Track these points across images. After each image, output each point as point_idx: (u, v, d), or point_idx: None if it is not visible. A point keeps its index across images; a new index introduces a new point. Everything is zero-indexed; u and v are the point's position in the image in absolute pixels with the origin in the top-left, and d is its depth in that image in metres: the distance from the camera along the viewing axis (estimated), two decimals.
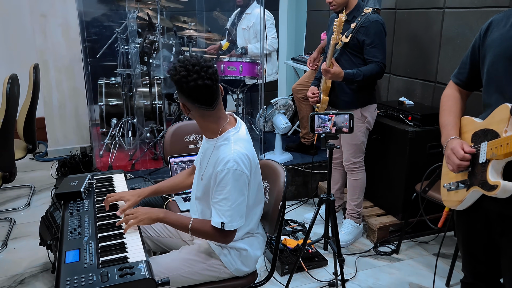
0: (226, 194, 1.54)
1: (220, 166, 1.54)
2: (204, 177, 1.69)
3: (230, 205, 1.55)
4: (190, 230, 1.62)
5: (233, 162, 1.53)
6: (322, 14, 4.42)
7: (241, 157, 1.55)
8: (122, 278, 1.26)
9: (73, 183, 1.85)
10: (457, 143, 1.48)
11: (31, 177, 3.94)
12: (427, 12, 3.08)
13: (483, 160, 1.38)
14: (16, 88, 2.85)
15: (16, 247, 2.81)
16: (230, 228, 1.57)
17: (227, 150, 1.56)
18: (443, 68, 2.99)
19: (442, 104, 1.65)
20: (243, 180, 1.56)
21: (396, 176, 2.87)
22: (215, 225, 1.57)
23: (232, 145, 1.57)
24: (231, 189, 1.54)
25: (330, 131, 2.08)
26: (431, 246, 2.87)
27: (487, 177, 1.36)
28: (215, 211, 1.58)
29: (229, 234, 1.60)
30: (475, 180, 1.42)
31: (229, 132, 1.61)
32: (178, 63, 1.52)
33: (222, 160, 1.54)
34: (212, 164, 1.60)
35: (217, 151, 1.61)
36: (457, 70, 1.65)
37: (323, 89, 2.69)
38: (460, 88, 1.64)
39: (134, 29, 3.60)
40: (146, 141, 3.67)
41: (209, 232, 1.60)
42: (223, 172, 1.53)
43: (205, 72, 1.49)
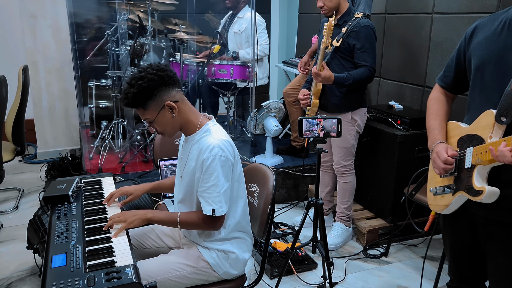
0: (214, 180, 1.57)
1: (205, 153, 1.57)
2: (184, 174, 1.71)
3: (218, 191, 1.58)
4: (178, 224, 1.64)
5: (218, 149, 1.57)
6: (313, 18, 4.44)
7: (224, 144, 1.60)
8: (108, 283, 1.26)
9: (61, 186, 1.83)
10: (442, 147, 1.50)
11: (20, 180, 3.90)
12: (416, 17, 3.11)
13: (469, 166, 1.40)
14: (4, 90, 2.83)
15: (3, 250, 2.79)
16: (221, 213, 1.60)
17: (210, 139, 1.60)
18: (431, 72, 3.02)
19: (428, 107, 1.66)
20: (228, 166, 1.60)
21: (385, 179, 2.89)
22: (207, 213, 1.60)
23: (214, 134, 1.62)
24: (218, 175, 1.57)
25: (318, 135, 2.09)
26: (419, 249, 2.89)
27: (472, 182, 1.37)
28: (203, 199, 1.61)
29: (218, 219, 1.63)
30: (461, 185, 1.44)
31: (208, 125, 1.67)
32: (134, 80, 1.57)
33: (207, 148, 1.58)
34: (195, 157, 1.63)
35: (197, 144, 1.64)
36: (442, 73, 1.66)
37: (314, 93, 2.70)
38: (445, 91, 1.66)
39: (124, 31, 3.59)
40: (136, 144, 3.66)
41: (198, 222, 1.64)
42: (209, 159, 1.56)
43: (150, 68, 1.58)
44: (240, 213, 1.73)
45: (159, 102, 1.58)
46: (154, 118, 1.60)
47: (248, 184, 1.94)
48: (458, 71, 1.57)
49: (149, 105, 1.58)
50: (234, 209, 1.71)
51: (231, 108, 3.91)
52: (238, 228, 1.74)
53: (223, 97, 3.94)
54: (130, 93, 1.55)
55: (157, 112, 1.59)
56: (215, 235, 1.70)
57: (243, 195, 1.76)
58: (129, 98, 1.56)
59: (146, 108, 1.58)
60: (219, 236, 1.70)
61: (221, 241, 1.71)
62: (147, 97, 1.56)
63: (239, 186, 1.72)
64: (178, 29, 3.87)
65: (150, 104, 1.58)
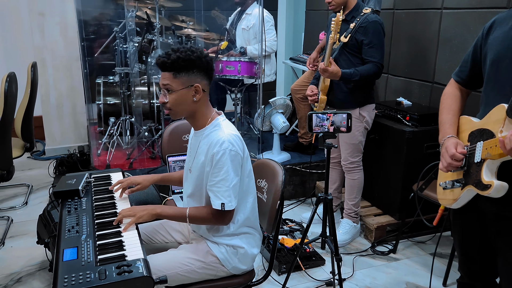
0: (224, 175, 1.58)
1: (215, 148, 1.58)
2: (193, 168, 1.71)
3: (228, 185, 1.59)
4: (188, 219, 1.64)
5: (228, 143, 1.58)
6: (320, 14, 4.43)
7: (234, 139, 1.61)
8: (119, 276, 1.26)
9: (71, 181, 1.85)
10: (451, 142, 1.48)
11: (29, 176, 3.93)
12: (425, 13, 3.09)
13: (478, 160, 1.39)
14: (14, 86, 2.84)
15: (13, 245, 2.81)
16: (230, 208, 1.60)
17: (220, 133, 1.61)
18: (440, 68, 3.00)
19: (442, 102, 1.65)
20: (238, 160, 1.61)
21: (393, 176, 2.88)
22: (216, 207, 1.60)
23: (224, 129, 1.63)
24: (228, 169, 1.58)
25: (328, 130, 2.08)
26: (428, 246, 2.88)
27: (481, 176, 1.36)
28: (213, 194, 1.61)
29: (227, 214, 1.64)
30: (469, 179, 1.43)
31: (218, 119, 1.68)
32: (183, 49, 1.58)
33: (217, 142, 1.58)
34: (204, 151, 1.63)
35: (207, 139, 1.65)
36: (458, 68, 1.65)
37: (322, 89, 2.70)
38: (460, 86, 1.64)
39: (132, 28, 3.59)
40: (144, 140, 3.67)
41: (207, 216, 1.64)
42: (219, 153, 1.57)
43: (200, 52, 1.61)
44: (249, 209, 1.73)
45: (190, 80, 1.59)
46: (176, 90, 1.59)
47: (257, 179, 1.94)
48: (474, 66, 1.56)
49: (181, 75, 1.58)
50: (244, 205, 1.71)
51: (238, 104, 3.91)
52: (247, 223, 1.74)
53: (231, 94, 3.94)
54: (174, 55, 1.55)
55: (183, 87, 1.59)
56: (224, 230, 1.71)
57: (253, 191, 1.76)
58: (170, 59, 1.55)
59: (176, 76, 1.58)
60: (228, 231, 1.70)
61: (230, 236, 1.71)
62: (185, 68, 1.57)
63: (249, 181, 1.72)
64: (185, 26, 3.87)
65: (182, 75, 1.58)
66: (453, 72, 1.68)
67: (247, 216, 1.73)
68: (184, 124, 2.65)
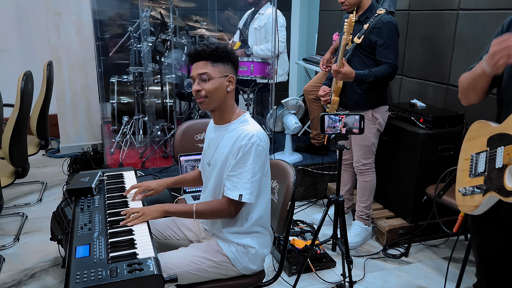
0: (248, 167, 1.59)
1: (244, 140, 1.60)
2: (213, 161, 1.72)
3: (249, 178, 1.60)
4: (194, 214, 1.65)
5: (256, 138, 1.60)
6: (334, 15, 4.41)
7: (263, 135, 1.64)
8: (131, 274, 1.27)
9: (85, 179, 1.86)
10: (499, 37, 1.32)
11: (43, 173, 3.99)
12: (441, 14, 3.05)
13: (500, 165, 1.36)
14: (30, 84, 2.89)
15: (27, 241, 2.85)
16: (247, 200, 1.61)
17: (249, 127, 1.64)
18: (456, 70, 2.96)
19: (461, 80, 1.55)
20: (263, 156, 1.63)
21: (406, 178, 2.85)
22: (232, 197, 1.60)
23: (253, 124, 1.67)
24: (253, 162, 1.59)
25: (340, 131, 2.07)
26: (440, 249, 2.85)
27: (504, 182, 1.33)
28: (231, 183, 1.61)
29: (238, 207, 1.64)
30: (491, 186, 1.39)
31: (245, 116, 1.72)
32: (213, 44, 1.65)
33: (246, 136, 1.60)
34: (230, 145, 1.65)
35: (234, 132, 1.66)
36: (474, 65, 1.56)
37: (334, 90, 2.68)
38: None
39: (146, 27, 3.62)
40: (156, 139, 3.70)
41: (215, 209, 1.65)
42: (247, 146, 1.59)
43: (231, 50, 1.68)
44: (264, 208, 1.73)
45: (226, 70, 1.65)
46: (214, 77, 1.63)
47: None
48: None
49: (218, 65, 1.63)
50: (260, 203, 1.71)
51: (250, 105, 3.91)
52: (260, 223, 1.74)
53: (243, 94, 3.94)
54: (213, 46, 1.62)
55: (220, 75, 1.64)
56: (237, 225, 1.70)
57: (268, 190, 1.76)
58: (210, 48, 1.61)
59: (214, 65, 1.63)
60: (241, 228, 1.70)
61: (242, 234, 1.71)
62: (222, 58, 1.63)
63: (267, 180, 1.73)
64: (199, 26, 3.89)
65: (219, 65, 1.63)
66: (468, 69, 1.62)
67: (260, 215, 1.73)
68: (197, 124, 2.66)
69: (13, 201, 3.42)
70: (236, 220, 1.70)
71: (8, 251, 2.74)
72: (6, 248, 2.76)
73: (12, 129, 2.60)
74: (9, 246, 2.78)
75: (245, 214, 1.69)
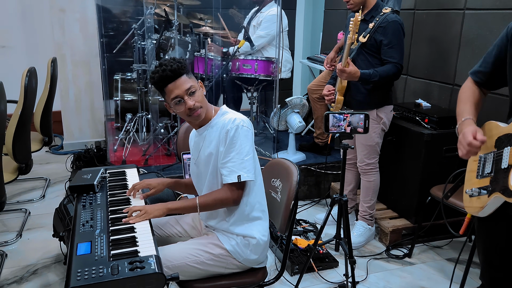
0: (238, 148, 1.62)
1: (228, 125, 1.64)
2: (199, 160, 1.75)
3: (242, 158, 1.63)
4: (198, 207, 1.65)
5: (240, 120, 1.65)
6: (339, 14, 4.38)
7: (245, 119, 1.69)
8: (132, 272, 1.27)
9: (87, 176, 1.86)
10: (469, 130, 1.40)
11: (46, 170, 3.99)
12: (447, 13, 3.03)
13: (505, 166, 1.34)
14: (34, 81, 2.89)
15: (30, 237, 2.86)
16: (247, 178, 1.63)
17: (230, 115, 1.69)
18: (461, 70, 2.94)
19: (460, 95, 1.59)
20: (250, 135, 1.67)
21: (410, 179, 2.83)
22: (231, 180, 1.62)
23: (233, 113, 1.72)
24: (242, 143, 1.63)
25: (344, 131, 2.06)
26: (444, 251, 2.83)
27: (509, 183, 1.31)
28: (227, 170, 1.63)
29: (241, 188, 1.66)
30: (496, 186, 1.38)
31: (222, 109, 1.76)
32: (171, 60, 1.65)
33: (230, 121, 1.65)
34: (216, 137, 1.68)
35: (216, 126, 1.70)
36: (477, 68, 1.58)
37: (339, 89, 2.67)
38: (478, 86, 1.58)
39: (151, 25, 3.61)
40: (159, 137, 3.69)
41: (218, 197, 1.66)
42: (232, 129, 1.63)
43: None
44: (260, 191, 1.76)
45: (194, 77, 1.69)
46: (197, 88, 1.66)
47: (271, 179, 1.93)
48: (497, 67, 1.50)
49: (190, 75, 1.66)
50: (254, 187, 1.73)
51: (254, 103, 3.90)
52: (259, 207, 1.75)
53: (247, 92, 3.93)
54: (173, 63, 1.62)
55: (196, 83, 1.68)
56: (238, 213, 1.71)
57: (259, 172, 1.78)
58: (179, 62, 1.62)
59: (190, 76, 1.66)
60: (242, 215, 1.71)
61: (244, 222, 1.72)
62: (186, 69, 1.66)
63: (256, 162, 1.74)
64: (203, 24, 3.88)
65: (190, 75, 1.67)
66: (471, 71, 1.61)
67: (258, 199, 1.75)
68: None
69: (16, 197, 3.42)
70: (236, 208, 1.71)
71: (11, 247, 2.74)
72: (8, 244, 2.76)
73: (15, 126, 2.60)
74: (11, 242, 2.78)
75: (244, 200, 1.70)
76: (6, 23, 4.50)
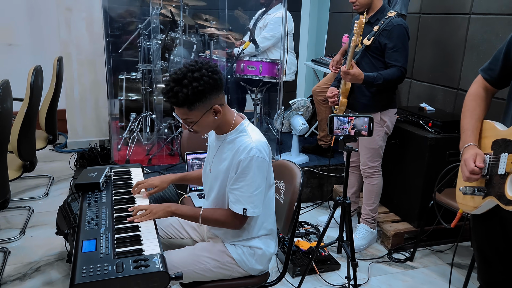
0: (249, 180, 1.55)
1: (243, 154, 1.55)
2: (213, 168, 1.70)
3: (252, 192, 1.56)
4: (200, 219, 1.64)
5: (255, 150, 1.55)
6: (344, 17, 4.39)
7: (262, 145, 1.59)
8: (136, 270, 1.28)
9: (92, 174, 1.87)
10: (471, 154, 1.44)
11: (50, 168, 4.01)
12: (453, 18, 3.03)
13: (502, 172, 1.35)
14: (40, 79, 2.90)
15: (33, 235, 2.87)
16: (252, 214, 1.59)
17: (247, 139, 1.58)
18: (466, 75, 2.94)
19: (465, 103, 1.60)
20: (264, 167, 1.58)
21: (413, 182, 2.83)
22: (236, 211, 1.58)
23: (251, 135, 1.60)
24: (254, 176, 1.55)
25: (349, 133, 2.06)
26: (446, 255, 2.83)
27: (505, 190, 1.32)
28: (234, 197, 1.59)
29: (244, 220, 1.62)
30: (492, 190, 1.39)
31: (243, 124, 1.64)
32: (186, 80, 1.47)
33: (245, 149, 1.55)
34: (229, 157, 1.61)
35: (232, 144, 1.62)
36: (487, 65, 1.58)
37: (342, 92, 2.67)
38: (487, 84, 1.59)
39: (156, 25, 3.63)
40: (163, 137, 3.70)
41: (221, 219, 1.63)
42: (246, 160, 1.54)
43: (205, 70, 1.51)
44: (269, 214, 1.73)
45: (207, 105, 1.53)
46: (198, 120, 1.54)
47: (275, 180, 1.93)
48: (505, 66, 1.50)
49: (196, 107, 1.51)
50: (265, 211, 1.68)
51: (258, 105, 3.91)
52: (266, 226, 1.73)
53: (251, 94, 3.94)
54: (182, 93, 1.46)
55: (202, 114, 1.53)
56: (243, 234, 1.69)
57: (273, 197, 1.75)
58: (179, 98, 1.47)
59: (192, 109, 1.51)
60: (247, 236, 1.70)
61: (248, 239, 1.70)
62: (198, 99, 1.49)
63: (271, 188, 1.71)
64: (208, 25, 3.89)
65: (198, 106, 1.51)
66: (481, 68, 1.61)
67: (266, 220, 1.72)
68: None
69: (19, 195, 3.44)
70: (242, 230, 1.69)
71: (14, 244, 2.75)
72: (12, 241, 2.78)
73: (21, 123, 2.62)
74: (15, 239, 2.80)
75: (251, 222, 1.68)
76: (13, 21, 4.52)
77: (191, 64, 1.53)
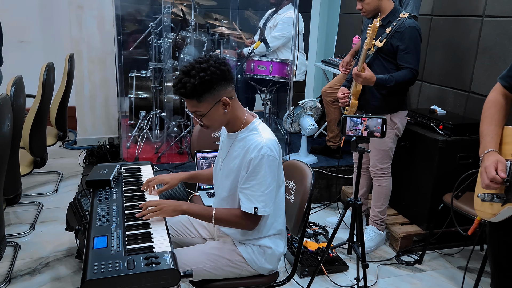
0: (260, 179, 1.55)
1: (253, 153, 1.55)
2: (224, 167, 1.69)
3: (263, 191, 1.56)
4: (213, 219, 1.62)
5: (266, 148, 1.55)
6: (355, 18, 4.38)
7: (273, 144, 1.59)
8: (147, 267, 1.28)
9: (103, 171, 1.88)
10: (492, 161, 1.42)
11: (60, 164, 4.03)
12: (465, 20, 3.01)
13: None
14: (52, 76, 2.93)
15: (42, 230, 2.89)
16: (264, 213, 1.58)
17: (258, 138, 1.58)
18: (478, 77, 2.91)
19: (485, 110, 1.58)
20: (275, 166, 1.59)
21: (423, 185, 2.82)
22: (247, 210, 1.58)
23: (262, 133, 1.60)
24: (265, 174, 1.55)
25: (361, 134, 2.05)
26: (455, 258, 2.81)
27: None
28: (245, 196, 1.58)
29: (256, 220, 1.62)
30: (511, 197, 1.37)
31: (254, 123, 1.65)
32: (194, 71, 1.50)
33: (256, 148, 1.55)
34: (240, 155, 1.61)
35: (243, 142, 1.62)
36: (506, 73, 1.58)
37: (353, 93, 2.66)
38: (507, 91, 1.57)
39: (167, 24, 3.64)
40: (172, 135, 3.71)
41: (233, 219, 1.62)
42: (257, 158, 1.54)
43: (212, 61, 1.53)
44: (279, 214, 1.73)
45: (215, 97, 1.54)
46: (207, 112, 1.56)
47: (286, 180, 1.93)
48: None
49: (205, 98, 1.53)
50: (275, 211, 1.69)
51: (267, 104, 3.91)
52: (276, 226, 1.73)
53: (260, 94, 3.94)
54: (190, 83, 1.49)
55: (211, 106, 1.55)
56: (254, 234, 1.69)
57: (283, 197, 1.75)
58: (187, 88, 1.50)
59: (201, 101, 1.53)
60: (258, 235, 1.70)
61: (258, 239, 1.70)
62: (206, 90, 1.51)
63: (281, 187, 1.71)
64: (219, 24, 3.90)
65: (206, 97, 1.53)
66: (499, 76, 1.60)
67: (276, 220, 1.72)
68: None
69: (29, 190, 3.47)
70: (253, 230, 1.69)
71: (24, 239, 2.78)
72: (22, 236, 2.80)
73: (32, 120, 2.64)
74: (25, 234, 2.82)
75: (261, 222, 1.67)
76: (25, 19, 4.56)
77: (200, 57, 1.56)
